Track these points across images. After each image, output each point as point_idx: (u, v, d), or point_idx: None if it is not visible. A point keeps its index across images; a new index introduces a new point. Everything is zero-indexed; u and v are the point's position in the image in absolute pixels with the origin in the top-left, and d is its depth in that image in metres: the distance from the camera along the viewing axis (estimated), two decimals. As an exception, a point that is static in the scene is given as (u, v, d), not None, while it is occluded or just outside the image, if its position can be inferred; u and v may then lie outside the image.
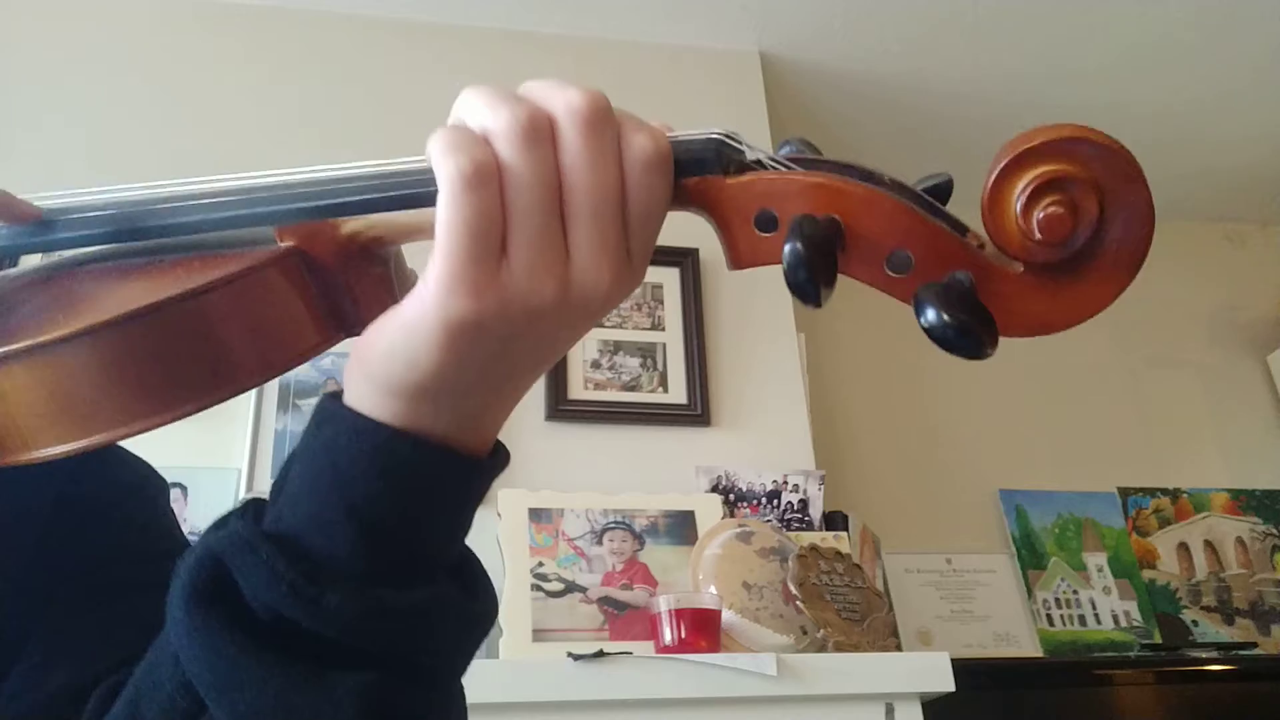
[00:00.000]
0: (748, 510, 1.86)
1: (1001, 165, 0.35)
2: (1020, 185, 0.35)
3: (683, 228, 0.50)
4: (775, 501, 1.88)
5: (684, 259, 2.07)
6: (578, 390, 1.94)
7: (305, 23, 2.20)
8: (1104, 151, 0.35)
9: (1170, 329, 2.91)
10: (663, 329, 2.03)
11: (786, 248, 0.35)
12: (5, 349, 0.42)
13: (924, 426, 2.62)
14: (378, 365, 0.38)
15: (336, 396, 0.41)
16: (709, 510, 1.79)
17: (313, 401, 1.83)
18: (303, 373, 1.85)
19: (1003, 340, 0.37)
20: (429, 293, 0.36)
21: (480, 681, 1.34)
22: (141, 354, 0.42)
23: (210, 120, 2.06)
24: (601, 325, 2.00)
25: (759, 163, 0.39)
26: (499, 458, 0.43)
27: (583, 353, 1.97)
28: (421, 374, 0.38)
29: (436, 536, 0.41)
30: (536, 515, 1.70)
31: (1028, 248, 0.36)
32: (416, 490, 0.39)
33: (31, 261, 0.59)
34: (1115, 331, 2.84)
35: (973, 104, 2.57)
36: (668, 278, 2.07)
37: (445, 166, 0.35)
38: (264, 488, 1.74)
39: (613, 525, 1.73)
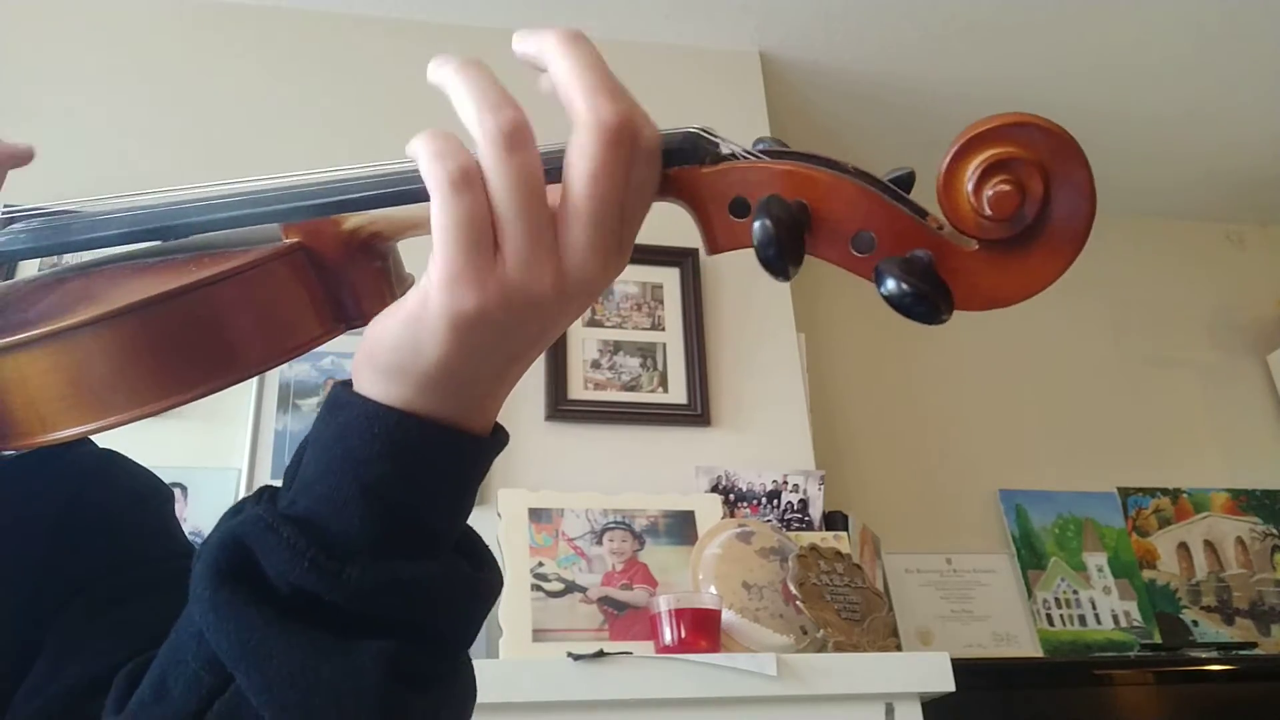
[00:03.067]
0: (748, 510, 1.86)
1: (955, 149, 0.38)
2: (971, 167, 0.38)
3: (683, 228, 0.51)
4: (775, 501, 1.88)
5: (684, 259, 2.07)
6: (578, 390, 1.94)
7: (303, 21, 2.20)
8: (1047, 135, 0.37)
9: (1170, 329, 2.91)
10: (663, 329, 2.03)
11: (755, 225, 0.38)
12: (26, 334, 0.45)
13: (924, 427, 2.61)
14: (386, 357, 0.41)
15: (347, 385, 0.43)
16: (709, 510, 1.79)
17: (313, 401, 1.83)
18: (303, 373, 1.85)
19: (1001, 340, 0.39)
20: (433, 288, 0.38)
21: (480, 681, 1.34)
22: (155, 340, 0.45)
23: (207, 117, 2.06)
24: (601, 325, 2.01)
25: (733, 154, 0.42)
26: (499, 436, 0.45)
27: (583, 353, 1.97)
28: (428, 363, 0.40)
29: (444, 511, 0.43)
30: (536, 515, 1.70)
31: (980, 225, 0.38)
32: (425, 469, 0.41)
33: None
34: (1115, 331, 2.84)
35: (972, 106, 2.56)
36: (668, 278, 2.07)
37: (433, 173, 0.38)
38: (264, 488, 1.75)
39: (613, 525, 1.73)
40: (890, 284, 0.38)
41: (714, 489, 1.87)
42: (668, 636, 1.49)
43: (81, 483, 0.62)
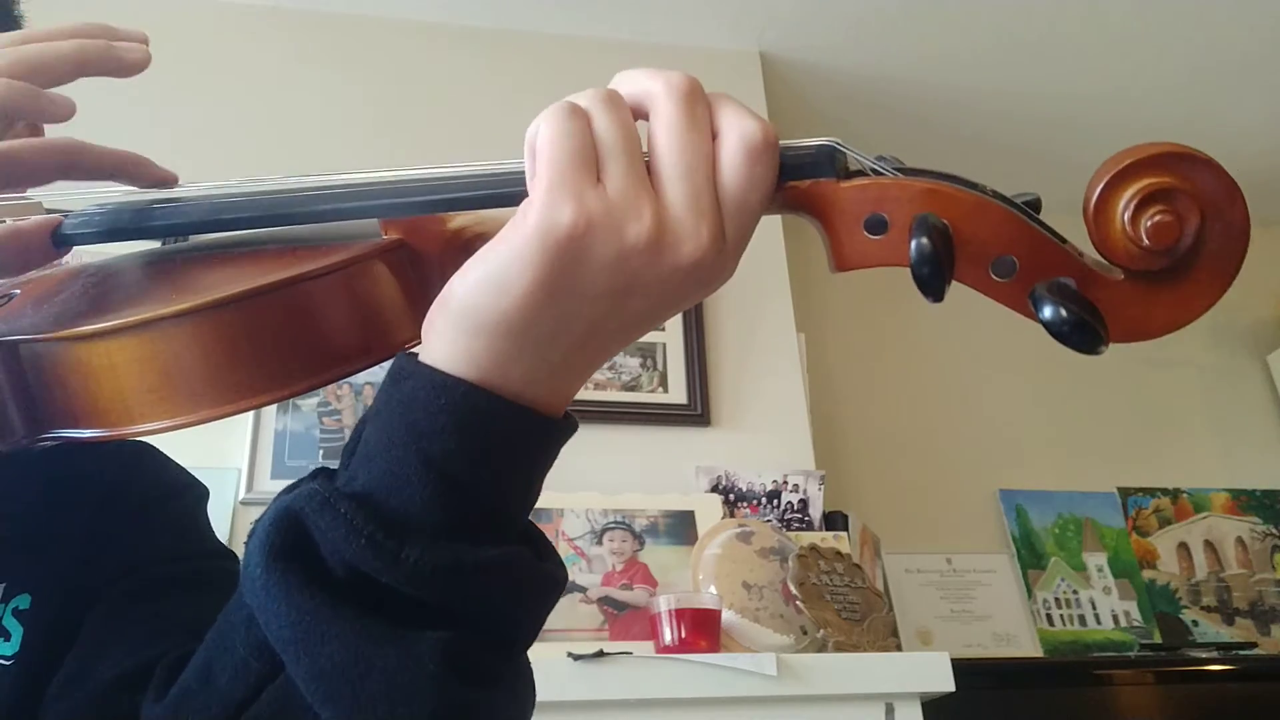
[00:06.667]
0: (748, 510, 1.86)
1: (1110, 175, 0.37)
2: (1128, 194, 0.37)
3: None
4: (775, 501, 1.88)
5: (684, 259, 2.07)
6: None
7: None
8: (1206, 169, 0.37)
9: (1170, 329, 2.91)
10: (663, 329, 2.03)
11: (914, 243, 0.37)
12: (120, 321, 0.43)
13: (924, 426, 2.61)
14: (466, 297, 0.39)
15: (412, 355, 0.41)
16: (709, 510, 1.79)
17: (312, 401, 1.83)
18: (303, 373, 1.84)
19: (1001, 340, 0.39)
20: (531, 204, 0.38)
21: (480, 681, 1.34)
22: (251, 334, 0.43)
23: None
24: (601, 325, 2.01)
25: (863, 170, 0.41)
26: (570, 421, 0.44)
27: (583, 353, 1.97)
28: (510, 303, 0.38)
29: (510, 494, 0.42)
30: (536, 515, 1.68)
31: (1132, 254, 0.38)
32: (492, 445, 0.40)
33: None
34: (1115, 331, 2.84)
35: (974, 112, 2.56)
36: (668, 278, 2.07)
37: (550, 109, 0.39)
38: (264, 488, 1.74)
39: (613, 525, 1.73)
40: (1049, 310, 0.37)
41: (714, 489, 1.87)
42: (668, 636, 1.49)
43: (122, 472, 0.62)
